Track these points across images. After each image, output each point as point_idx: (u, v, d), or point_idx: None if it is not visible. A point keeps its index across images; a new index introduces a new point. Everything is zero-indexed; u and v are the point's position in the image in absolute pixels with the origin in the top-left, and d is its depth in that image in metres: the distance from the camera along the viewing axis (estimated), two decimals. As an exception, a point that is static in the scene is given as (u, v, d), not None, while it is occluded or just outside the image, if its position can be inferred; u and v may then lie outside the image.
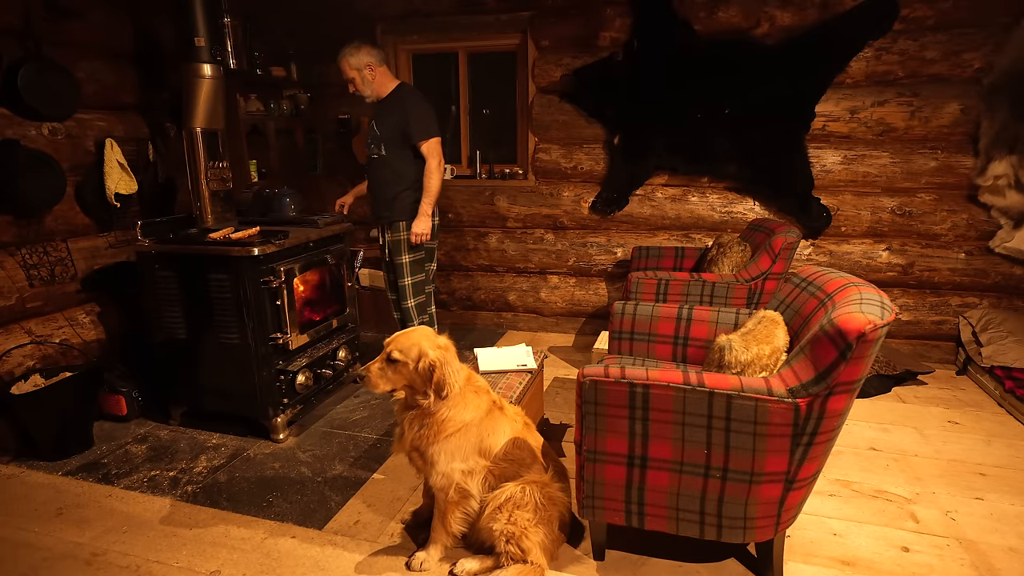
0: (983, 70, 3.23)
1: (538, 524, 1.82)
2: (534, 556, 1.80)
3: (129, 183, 3.02)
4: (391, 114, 2.99)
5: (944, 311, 3.59)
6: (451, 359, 1.82)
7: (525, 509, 1.81)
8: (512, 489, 1.83)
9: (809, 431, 1.54)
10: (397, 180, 3.03)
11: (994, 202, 3.33)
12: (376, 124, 3.03)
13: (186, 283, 2.69)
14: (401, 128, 2.96)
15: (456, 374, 1.81)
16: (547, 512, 1.84)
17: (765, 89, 3.45)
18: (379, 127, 3.01)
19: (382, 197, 3.07)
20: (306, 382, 2.89)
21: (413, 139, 2.96)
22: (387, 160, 3.02)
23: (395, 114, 2.98)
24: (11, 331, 2.67)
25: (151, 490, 2.38)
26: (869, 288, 1.64)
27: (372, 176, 3.12)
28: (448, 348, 1.84)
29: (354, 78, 2.98)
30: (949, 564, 1.91)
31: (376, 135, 3.02)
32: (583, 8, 3.69)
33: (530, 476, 1.88)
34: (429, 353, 1.76)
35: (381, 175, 3.06)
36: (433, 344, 1.80)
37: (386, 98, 3.03)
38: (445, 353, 1.80)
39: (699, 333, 2.39)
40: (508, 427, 1.91)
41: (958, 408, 3.01)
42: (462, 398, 1.83)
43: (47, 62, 2.70)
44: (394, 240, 3.10)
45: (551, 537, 1.86)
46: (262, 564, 1.94)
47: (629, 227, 3.99)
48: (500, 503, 1.82)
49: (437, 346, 1.81)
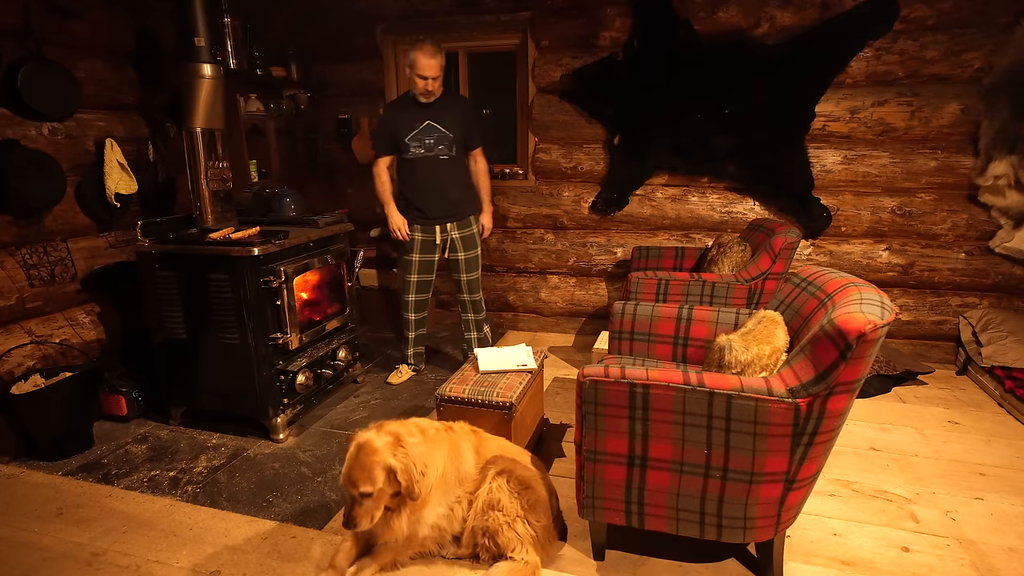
0: (983, 70, 3.23)
1: (518, 516, 1.82)
2: (520, 553, 1.80)
3: (129, 183, 3.02)
4: (454, 115, 3.04)
5: (944, 311, 3.59)
6: (409, 452, 1.71)
7: (501, 504, 1.82)
8: (483, 489, 1.85)
9: (809, 431, 1.54)
10: (464, 179, 3.18)
11: (994, 202, 3.32)
12: (440, 124, 3.02)
13: (186, 283, 2.69)
14: (465, 129, 3.09)
15: (417, 463, 1.71)
16: (524, 497, 1.84)
17: (765, 89, 3.45)
18: (446, 127, 3.03)
19: (450, 196, 3.13)
20: (306, 382, 2.89)
21: (476, 142, 3.16)
22: (456, 160, 3.11)
23: (457, 115, 3.06)
24: (11, 331, 2.67)
25: (151, 490, 2.38)
26: (869, 288, 1.64)
27: (434, 176, 3.09)
28: (399, 440, 1.73)
29: (438, 77, 2.94)
30: (949, 564, 1.91)
31: (443, 135, 3.03)
32: (583, 8, 3.68)
33: (495, 469, 1.90)
34: (391, 463, 1.67)
35: (448, 175, 3.11)
36: (387, 450, 1.69)
37: (441, 99, 3.02)
38: (402, 451, 1.71)
39: (699, 333, 2.39)
40: (466, 443, 1.93)
41: (958, 408, 3.01)
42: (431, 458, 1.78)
43: (47, 62, 2.70)
44: (468, 235, 3.23)
45: (540, 523, 1.85)
46: (262, 564, 1.94)
47: (629, 227, 3.99)
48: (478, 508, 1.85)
49: (391, 448, 1.70)
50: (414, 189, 3.12)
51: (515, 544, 1.81)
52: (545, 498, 1.92)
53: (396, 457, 1.69)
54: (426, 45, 2.87)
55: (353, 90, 4.24)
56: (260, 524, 2.15)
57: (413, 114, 3.03)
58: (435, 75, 2.92)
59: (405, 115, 3.05)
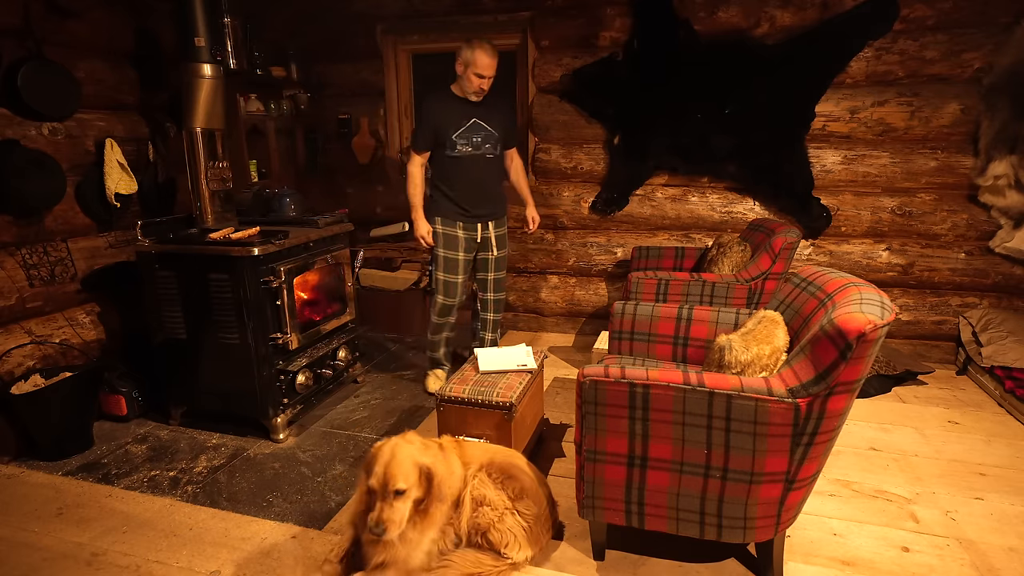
0: (983, 70, 3.23)
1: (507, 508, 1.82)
2: (513, 549, 1.80)
3: (129, 183, 3.02)
4: (499, 114, 3.04)
5: (944, 311, 3.59)
6: (435, 455, 1.75)
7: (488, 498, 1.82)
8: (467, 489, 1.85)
9: (809, 431, 1.54)
10: (503, 177, 3.23)
11: (994, 202, 3.32)
12: (486, 123, 2.99)
13: (186, 283, 2.69)
14: (506, 129, 3.11)
15: (448, 467, 1.77)
16: (510, 487, 1.84)
17: (765, 89, 3.45)
18: (492, 126, 3.01)
19: (492, 194, 3.14)
20: (306, 382, 2.89)
21: (513, 141, 3.19)
22: (499, 159, 3.13)
23: (502, 115, 3.07)
24: (11, 331, 2.67)
25: (151, 490, 2.38)
26: (869, 288, 1.64)
27: (480, 175, 3.06)
28: (427, 445, 1.77)
29: (493, 77, 2.90)
30: (949, 564, 1.91)
31: (489, 134, 3.01)
32: (583, 8, 3.68)
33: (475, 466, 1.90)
34: (425, 461, 1.70)
35: (492, 173, 3.13)
36: (420, 450, 1.72)
37: (486, 98, 2.99)
38: (431, 453, 1.74)
39: (699, 333, 2.39)
40: (454, 456, 1.92)
41: (958, 408, 3.01)
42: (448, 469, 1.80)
43: (47, 62, 2.70)
44: (503, 234, 3.25)
45: (530, 512, 1.84)
46: (262, 564, 1.94)
47: (629, 227, 3.99)
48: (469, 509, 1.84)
49: (422, 449, 1.73)
50: (458, 187, 3.04)
51: (508, 539, 1.80)
52: (531, 485, 1.91)
53: (427, 456, 1.72)
54: (486, 44, 2.82)
55: (353, 90, 4.24)
56: (260, 524, 2.15)
57: (459, 111, 2.96)
58: (492, 75, 2.89)
59: (450, 112, 2.96)
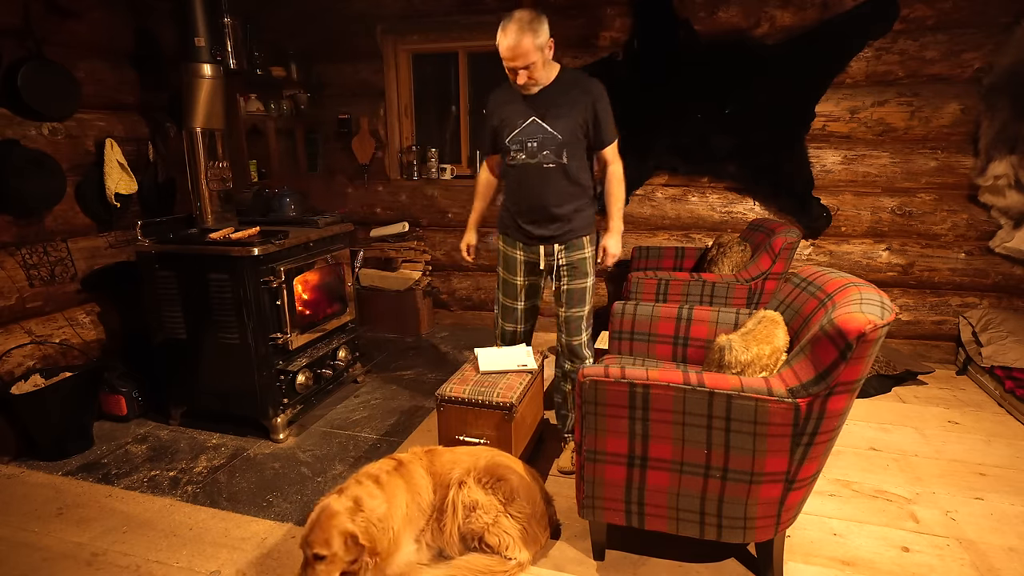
0: (983, 70, 3.23)
1: (499, 512, 1.81)
2: (512, 552, 1.79)
3: (129, 183, 3.02)
4: (568, 107, 2.24)
5: (944, 311, 3.59)
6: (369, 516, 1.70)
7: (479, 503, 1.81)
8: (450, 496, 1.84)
9: (809, 431, 1.54)
10: (577, 191, 2.35)
11: (994, 202, 3.32)
12: (546, 122, 2.25)
13: (186, 283, 2.69)
14: (585, 126, 2.26)
15: (382, 522, 1.71)
16: (500, 490, 1.83)
17: (765, 89, 3.45)
18: (554, 126, 2.24)
19: (555, 212, 2.34)
20: (306, 382, 2.89)
21: (605, 140, 2.31)
22: (566, 168, 2.28)
23: (574, 107, 2.24)
24: (11, 331, 2.67)
25: (151, 490, 2.38)
26: (869, 288, 1.64)
27: (536, 189, 2.33)
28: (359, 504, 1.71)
29: (535, 62, 2.13)
30: (949, 564, 1.91)
31: (549, 137, 2.24)
32: (583, 8, 3.68)
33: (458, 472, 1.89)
34: (349, 528, 1.66)
35: (555, 187, 2.31)
36: (346, 515, 1.68)
37: (552, 87, 2.26)
38: (361, 516, 1.70)
39: (699, 333, 2.39)
40: (419, 469, 1.91)
41: (958, 408, 3.01)
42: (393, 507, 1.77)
43: (47, 62, 2.70)
44: (578, 259, 2.40)
45: (524, 512, 1.84)
46: (262, 564, 1.94)
47: (629, 227, 3.98)
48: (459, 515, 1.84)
49: (350, 514, 1.68)
50: (517, 202, 2.41)
51: (507, 542, 1.80)
52: (522, 484, 1.90)
53: (355, 522, 1.68)
54: (508, 23, 2.09)
55: (353, 90, 4.24)
56: (260, 524, 2.15)
57: (519, 108, 2.29)
58: (523, 62, 2.12)
59: (510, 108, 2.31)
